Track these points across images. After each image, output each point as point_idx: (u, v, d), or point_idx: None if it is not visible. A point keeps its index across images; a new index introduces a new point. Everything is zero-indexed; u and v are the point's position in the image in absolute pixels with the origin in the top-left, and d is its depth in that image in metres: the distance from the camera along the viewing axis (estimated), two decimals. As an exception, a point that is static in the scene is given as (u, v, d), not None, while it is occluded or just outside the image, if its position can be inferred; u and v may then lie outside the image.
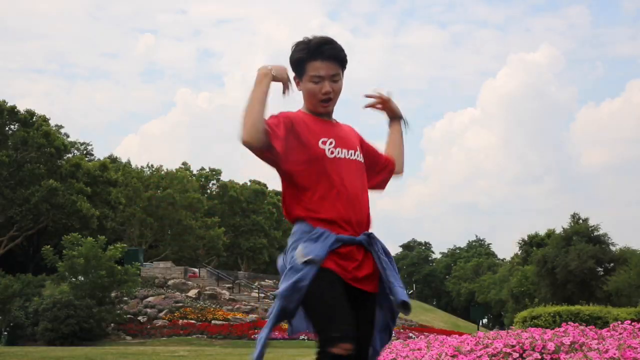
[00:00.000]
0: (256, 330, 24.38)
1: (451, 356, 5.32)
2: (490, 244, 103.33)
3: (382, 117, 2.98)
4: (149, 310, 27.02)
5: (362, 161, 2.66)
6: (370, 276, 2.50)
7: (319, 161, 2.50)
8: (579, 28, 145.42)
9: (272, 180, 54.63)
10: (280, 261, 2.55)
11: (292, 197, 2.54)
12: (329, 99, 2.57)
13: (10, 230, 38.45)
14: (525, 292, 49.43)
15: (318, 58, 2.53)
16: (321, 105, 2.58)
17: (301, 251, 2.40)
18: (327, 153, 2.52)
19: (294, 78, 2.61)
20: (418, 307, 59.62)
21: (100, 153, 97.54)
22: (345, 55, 2.61)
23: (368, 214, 2.60)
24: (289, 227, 4.17)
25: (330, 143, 2.55)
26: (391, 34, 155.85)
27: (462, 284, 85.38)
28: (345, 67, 2.63)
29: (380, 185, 2.85)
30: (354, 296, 2.45)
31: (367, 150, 2.76)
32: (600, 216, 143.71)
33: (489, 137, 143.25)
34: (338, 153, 2.55)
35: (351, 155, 2.60)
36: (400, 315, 2.61)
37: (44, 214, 38.05)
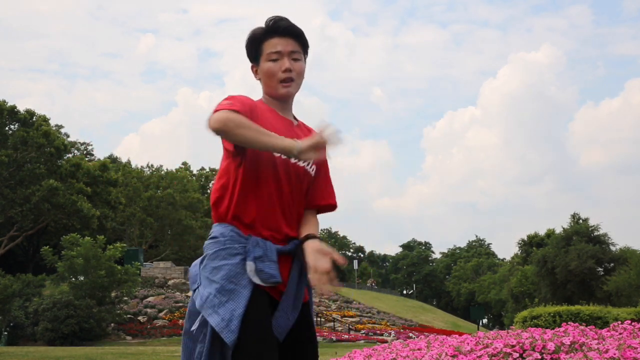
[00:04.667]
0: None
1: (451, 356, 5.31)
2: (490, 244, 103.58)
3: (382, 118, 2.85)
4: (149, 310, 27.03)
5: (312, 174, 2.37)
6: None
7: (265, 160, 2.23)
8: (580, 28, 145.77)
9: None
10: (194, 269, 2.29)
11: (224, 184, 2.27)
12: (290, 79, 2.31)
13: (10, 230, 38.47)
14: (525, 292, 49.49)
15: (275, 35, 2.32)
16: (282, 86, 2.31)
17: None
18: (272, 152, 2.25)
19: (252, 67, 2.39)
20: (418, 307, 59.64)
21: (100, 153, 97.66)
22: (304, 35, 2.37)
23: (297, 227, 2.32)
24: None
25: None
26: (392, 34, 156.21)
27: (462, 284, 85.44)
28: (306, 50, 2.40)
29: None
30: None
31: (321, 170, 2.44)
32: (600, 216, 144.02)
33: (489, 137, 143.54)
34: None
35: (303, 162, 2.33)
36: (401, 315, 2.50)
37: (44, 214, 38.08)
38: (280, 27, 2.33)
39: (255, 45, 2.36)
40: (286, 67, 2.31)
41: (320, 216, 2.46)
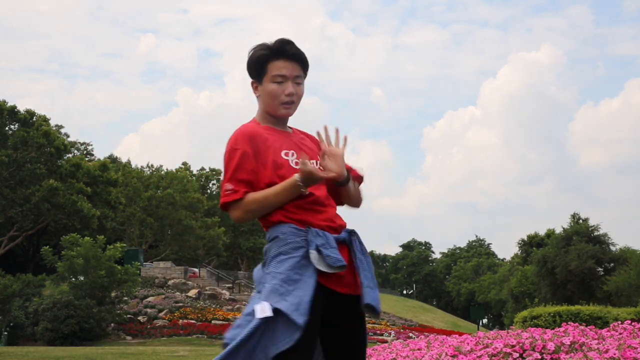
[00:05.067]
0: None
1: (451, 356, 5.32)
2: (490, 244, 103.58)
3: (382, 118, 2.90)
4: (149, 310, 27.03)
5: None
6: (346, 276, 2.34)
7: (285, 173, 2.35)
8: (580, 28, 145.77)
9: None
10: (258, 273, 2.37)
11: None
12: (292, 102, 2.43)
13: (10, 230, 38.46)
14: (525, 292, 49.47)
15: (281, 57, 2.41)
16: (283, 107, 2.43)
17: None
18: (292, 164, 2.38)
19: (252, 82, 2.48)
20: (418, 307, 59.66)
21: (100, 153, 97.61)
22: (307, 59, 2.47)
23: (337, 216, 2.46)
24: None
25: (292, 154, 2.41)
26: (392, 34, 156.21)
27: (462, 284, 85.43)
28: (306, 73, 2.50)
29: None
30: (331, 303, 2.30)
31: None
32: (600, 216, 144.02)
33: (490, 137, 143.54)
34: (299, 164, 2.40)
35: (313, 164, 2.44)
36: (401, 315, 2.56)
37: (44, 214, 38.08)
38: (287, 52, 2.42)
39: (260, 64, 2.44)
40: (290, 92, 2.41)
41: None
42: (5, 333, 24.18)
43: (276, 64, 2.41)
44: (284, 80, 2.41)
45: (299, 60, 2.44)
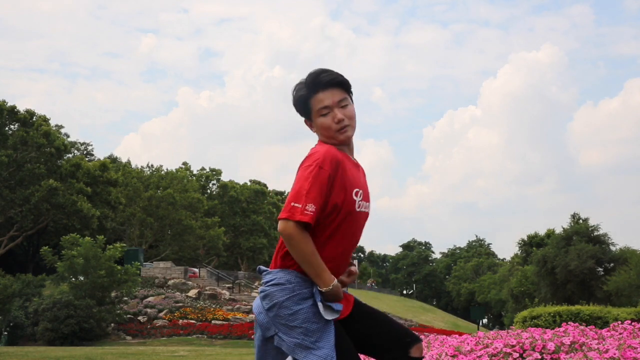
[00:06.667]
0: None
1: (451, 356, 5.31)
2: (490, 244, 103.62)
3: (383, 118, 2.90)
4: (149, 310, 27.03)
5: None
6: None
7: (344, 215, 2.36)
8: (581, 27, 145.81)
9: (272, 180, 54.93)
10: (260, 308, 2.42)
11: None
12: (345, 126, 2.42)
13: (10, 230, 38.46)
14: (525, 292, 49.42)
15: (319, 90, 2.42)
16: (340, 134, 2.43)
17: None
18: (356, 207, 2.39)
19: (305, 121, 2.51)
20: (418, 307, 59.67)
21: (100, 153, 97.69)
22: (345, 79, 2.47)
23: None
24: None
25: (360, 195, 2.42)
26: (393, 33, 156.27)
27: (462, 284, 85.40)
28: (350, 91, 2.50)
29: None
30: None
31: None
32: (600, 216, 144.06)
33: (490, 137, 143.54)
34: (360, 206, 2.42)
35: (366, 208, 2.48)
36: (401, 315, 2.59)
37: (44, 214, 38.07)
38: (322, 82, 2.43)
39: (303, 104, 2.47)
40: (339, 118, 2.41)
41: None
42: (5, 333, 24.20)
43: (317, 97, 2.43)
44: (329, 111, 2.42)
45: (337, 84, 2.44)
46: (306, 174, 2.30)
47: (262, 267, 2.46)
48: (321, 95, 2.42)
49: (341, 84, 2.45)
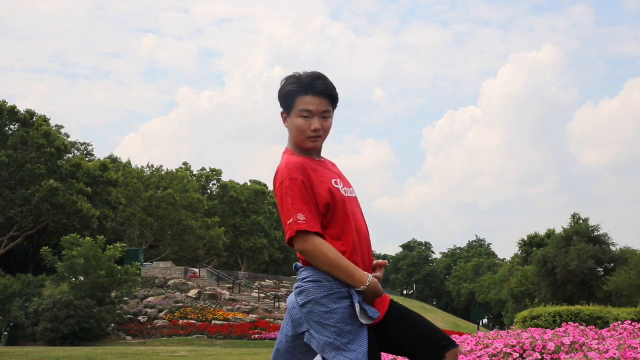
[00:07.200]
0: (256, 330, 24.38)
1: (451, 356, 5.30)
2: (490, 244, 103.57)
3: (383, 118, 2.90)
4: (149, 310, 27.04)
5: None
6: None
7: (340, 204, 2.38)
8: (581, 27, 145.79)
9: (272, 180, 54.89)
10: (294, 303, 2.40)
11: None
12: (318, 136, 2.45)
13: (10, 230, 38.46)
14: (525, 292, 49.45)
15: (309, 92, 2.42)
16: (309, 141, 2.45)
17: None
18: (343, 192, 2.42)
19: (281, 113, 2.51)
20: (418, 307, 59.63)
21: (100, 153, 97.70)
22: (336, 93, 2.49)
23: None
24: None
25: (339, 182, 2.45)
26: (393, 33, 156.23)
27: (462, 284, 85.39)
28: (335, 105, 2.51)
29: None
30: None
31: None
32: (600, 216, 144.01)
33: (490, 137, 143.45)
34: (346, 192, 2.46)
35: (352, 192, 2.52)
36: None
37: (44, 214, 38.06)
38: (316, 87, 2.44)
39: (288, 98, 2.47)
40: (315, 127, 2.43)
41: None
42: (5, 333, 24.21)
43: (304, 99, 2.43)
44: (310, 116, 2.43)
45: (327, 95, 2.45)
46: (283, 190, 2.35)
47: (299, 264, 2.45)
48: (309, 99, 2.43)
49: (331, 97, 2.47)
